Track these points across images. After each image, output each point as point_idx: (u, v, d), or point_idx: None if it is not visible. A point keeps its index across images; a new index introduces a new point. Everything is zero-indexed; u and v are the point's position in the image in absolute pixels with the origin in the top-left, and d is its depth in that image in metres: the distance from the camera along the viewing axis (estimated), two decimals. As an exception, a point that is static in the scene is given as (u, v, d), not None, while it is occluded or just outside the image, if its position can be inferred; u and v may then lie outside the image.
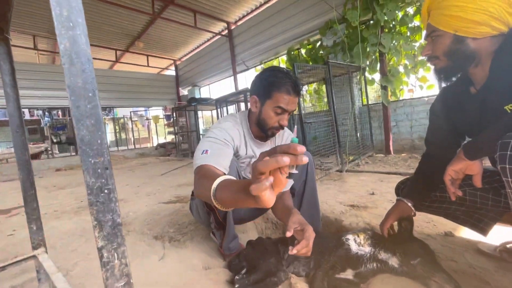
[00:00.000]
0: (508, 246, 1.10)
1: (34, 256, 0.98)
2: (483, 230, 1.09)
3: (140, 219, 1.97)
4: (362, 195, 2.16)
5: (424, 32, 1.00)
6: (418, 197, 1.13)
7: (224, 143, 1.09)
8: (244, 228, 1.63)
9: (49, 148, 8.69)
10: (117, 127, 13.17)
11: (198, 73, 9.82)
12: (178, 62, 10.87)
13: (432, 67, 0.99)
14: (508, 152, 0.67)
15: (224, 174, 0.93)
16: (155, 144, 10.33)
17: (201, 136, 7.66)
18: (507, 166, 0.68)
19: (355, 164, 3.67)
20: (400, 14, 4.01)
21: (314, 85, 5.51)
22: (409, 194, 1.13)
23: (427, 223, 1.48)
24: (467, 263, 1.06)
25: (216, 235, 1.37)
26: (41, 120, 9.02)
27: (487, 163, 0.99)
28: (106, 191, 0.37)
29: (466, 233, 1.30)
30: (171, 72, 11.42)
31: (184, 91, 10.94)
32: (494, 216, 1.07)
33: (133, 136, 11.11)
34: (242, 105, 6.89)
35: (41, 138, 10.98)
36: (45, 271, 0.87)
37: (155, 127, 11.10)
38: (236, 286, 0.96)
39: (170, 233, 1.63)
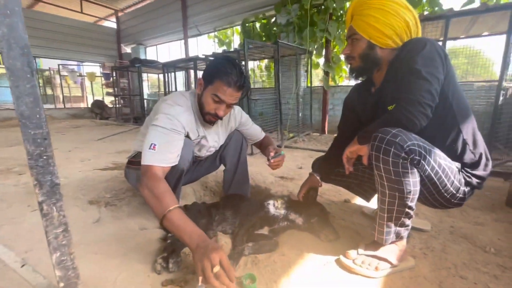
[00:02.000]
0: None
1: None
2: (367, 198, 1.44)
3: (73, 185, 1.92)
4: (292, 168, 2.48)
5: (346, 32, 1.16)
6: (326, 171, 1.41)
7: (173, 132, 1.09)
8: (183, 194, 1.76)
9: None
10: (40, 81, 11.22)
11: (144, 30, 8.87)
12: (120, 14, 9.57)
13: (348, 65, 1.20)
14: (375, 142, 0.92)
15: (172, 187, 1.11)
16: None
17: (145, 101, 7.18)
18: (374, 152, 0.93)
19: (294, 141, 4.04)
20: (348, 4, 4.29)
21: (265, 61, 5.62)
22: (319, 169, 1.41)
23: (335, 193, 1.84)
24: (352, 221, 1.42)
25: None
26: None
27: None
28: (45, 157, 0.44)
29: (358, 200, 1.69)
30: (111, 24, 10.02)
31: (126, 49, 9.82)
32: (375, 187, 1.42)
33: (63, 93, 9.69)
34: (192, 72, 6.62)
35: None
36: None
37: (90, 85, 9.86)
38: (168, 241, 1.11)
39: (107, 198, 1.66)
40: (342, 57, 4.60)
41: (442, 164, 0.92)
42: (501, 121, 2.51)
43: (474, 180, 1.00)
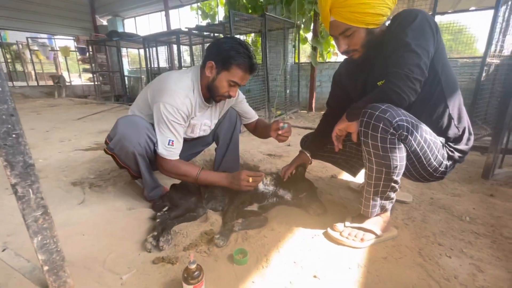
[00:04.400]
0: (366, 183, 1.54)
1: None
2: (354, 173, 1.47)
3: (54, 166, 1.84)
4: (280, 146, 2.49)
5: (325, 27, 1.05)
6: (315, 149, 1.42)
7: (180, 126, 1.21)
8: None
9: None
10: (8, 56, 10.33)
11: (121, 0, 8.21)
12: (92, -19, 8.76)
13: (348, 57, 1.09)
14: (364, 118, 0.92)
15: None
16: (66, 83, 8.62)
17: (125, 78, 6.82)
18: (362, 129, 0.93)
19: (281, 119, 4.02)
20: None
21: (252, 36, 5.41)
22: (309, 146, 1.41)
23: (321, 168, 1.87)
24: (339, 196, 1.46)
25: (139, 181, 1.45)
26: None
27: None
28: (14, 135, 0.40)
29: (345, 176, 1.73)
30: (84, -8, 9.18)
31: (102, 21, 9.13)
32: (362, 163, 1.44)
33: (34, 69, 9.01)
34: (175, 47, 6.29)
35: None
36: None
37: (65, 61, 9.20)
38: (157, 220, 1.10)
39: (91, 180, 1.61)
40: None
41: (428, 139, 0.94)
42: (482, 97, 2.58)
43: (456, 154, 1.03)
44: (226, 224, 1.12)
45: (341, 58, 4.86)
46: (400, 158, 0.91)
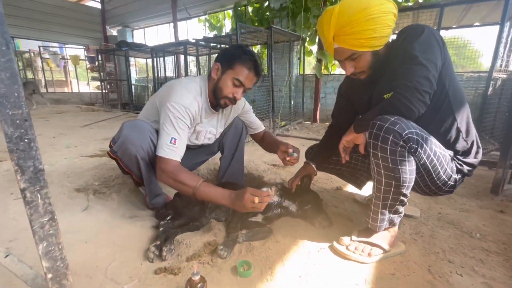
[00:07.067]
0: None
1: None
2: (359, 185, 1.45)
3: (59, 172, 1.85)
4: (284, 156, 2.47)
5: (327, 52, 1.04)
6: (321, 160, 1.40)
7: (185, 127, 1.16)
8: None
9: None
10: (20, 64, 10.63)
11: (131, 11, 8.46)
12: (104, -7, 9.07)
13: (355, 78, 1.08)
14: (374, 130, 0.91)
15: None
16: (75, 90, 8.76)
17: (132, 86, 6.94)
18: (371, 140, 0.93)
19: (285, 129, 4.03)
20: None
21: (258, 48, 5.50)
22: (314, 158, 1.40)
23: (326, 180, 1.85)
24: (344, 208, 1.44)
25: (143, 188, 1.44)
26: None
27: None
28: (26, 140, 0.40)
29: (350, 188, 1.71)
30: (96, 4, 9.50)
31: (112, 31, 9.39)
32: (368, 175, 1.43)
33: (45, 77, 9.23)
34: (182, 57, 6.42)
35: None
36: None
37: (74, 69, 9.43)
38: (160, 229, 1.09)
39: (95, 186, 1.61)
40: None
41: (437, 152, 0.93)
42: (488, 112, 2.57)
43: (465, 168, 1.02)
44: (230, 234, 1.10)
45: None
46: (409, 171, 0.89)
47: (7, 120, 0.39)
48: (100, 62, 7.29)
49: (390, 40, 1.04)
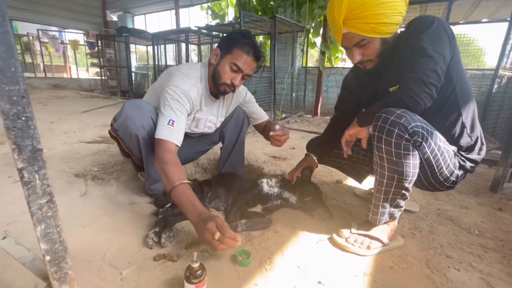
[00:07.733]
0: (372, 190, 1.51)
1: None
2: (360, 179, 1.45)
3: (57, 157, 1.83)
4: (284, 148, 2.47)
5: (336, 39, 1.01)
6: (322, 153, 1.39)
7: (184, 110, 1.12)
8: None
9: None
10: (18, 47, 10.44)
11: (132, -4, 8.28)
12: (105, -24, 8.85)
13: (362, 67, 1.06)
14: (379, 123, 0.90)
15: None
16: (74, 76, 8.69)
17: (132, 74, 6.85)
18: (376, 133, 0.91)
19: (286, 122, 4.01)
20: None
21: (260, 38, 5.41)
22: (315, 150, 1.38)
23: (326, 173, 1.85)
24: (344, 201, 1.44)
25: (142, 175, 1.43)
26: None
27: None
28: (23, 118, 0.39)
29: (350, 181, 1.71)
30: (96, -13, 9.27)
31: (112, 16, 9.20)
32: (369, 169, 1.42)
33: (43, 61, 9.10)
34: (183, 45, 6.32)
35: None
36: None
37: (73, 54, 9.28)
38: (159, 216, 1.08)
39: (94, 172, 1.60)
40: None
41: (442, 147, 0.92)
42: (491, 110, 2.55)
43: (468, 164, 1.01)
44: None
45: (349, 64, 4.85)
46: (413, 165, 0.88)
47: (3, 96, 0.37)
48: (100, 48, 7.17)
49: (399, 32, 1.01)
